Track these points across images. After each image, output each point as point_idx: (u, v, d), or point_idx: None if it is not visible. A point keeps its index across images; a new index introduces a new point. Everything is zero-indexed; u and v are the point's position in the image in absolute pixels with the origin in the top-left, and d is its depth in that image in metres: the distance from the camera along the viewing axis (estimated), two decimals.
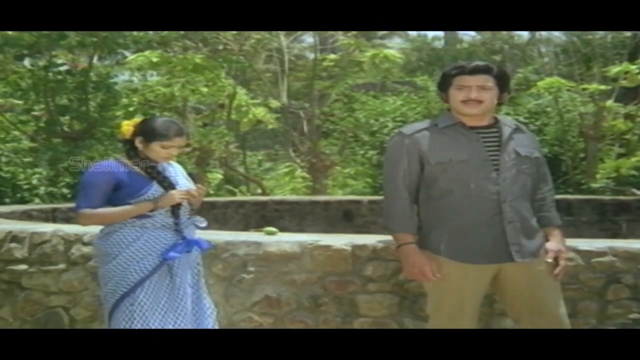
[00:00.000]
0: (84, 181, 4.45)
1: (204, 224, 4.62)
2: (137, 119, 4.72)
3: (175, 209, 4.49)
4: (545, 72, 17.46)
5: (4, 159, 12.78)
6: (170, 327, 4.37)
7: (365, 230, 9.92)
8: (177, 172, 4.64)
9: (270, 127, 16.29)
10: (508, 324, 4.83)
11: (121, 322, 4.36)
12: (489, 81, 4.20)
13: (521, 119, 15.68)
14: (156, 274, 4.39)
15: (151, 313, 4.35)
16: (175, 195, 4.44)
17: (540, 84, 14.80)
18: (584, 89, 14.86)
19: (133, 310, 4.35)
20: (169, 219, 4.48)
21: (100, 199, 4.37)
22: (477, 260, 4.17)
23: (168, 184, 4.48)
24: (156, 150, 4.47)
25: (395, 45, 27.11)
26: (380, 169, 16.19)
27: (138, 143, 4.48)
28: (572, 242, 5.01)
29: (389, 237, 5.32)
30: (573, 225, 10.25)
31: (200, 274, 4.64)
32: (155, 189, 4.44)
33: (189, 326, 4.45)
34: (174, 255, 4.41)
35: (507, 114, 15.97)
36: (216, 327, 4.65)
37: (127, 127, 4.54)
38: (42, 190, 12.40)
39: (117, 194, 4.40)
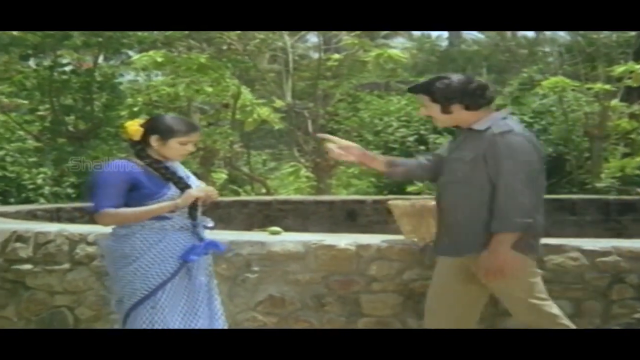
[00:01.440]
0: (102, 180, 4.37)
1: (211, 224, 4.60)
2: (140, 119, 4.67)
3: (192, 210, 4.46)
4: (550, 72, 17.40)
5: (9, 159, 12.78)
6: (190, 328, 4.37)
7: (370, 230, 9.91)
8: (185, 172, 4.62)
9: (274, 126, 16.28)
10: (511, 323, 4.83)
11: (141, 324, 4.32)
12: (424, 99, 4.48)
13: (526, 118, 15.65)
14: (177, 277, 4.38)
15: (171, 315, 4.33)
16: (193, 193, 4.41)
17: (544, 83, 14.76)
18: (588, 89, 14.82)
19: (154, 313, 4.32)
20: (186, 221, 4.46)
21: (120, 198, 4.32)
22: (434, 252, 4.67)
23: (184, 185, 4.46)
24: (174, 147, 4.44)
25: (398, 44, 27.07)
26: None
27: (154, 142, 4.43)
28: (576, 241, 5.01)
29: (393, 237, 5.34)
30: (577, 225, 10.24)
31: (212, 275, 4.61)
32: (173, 190, 4.42)
33: (205, 327, 4.44)
34: (194, 257, 4.40)
35: (512, 114, 15.94)
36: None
37: (135, 127, 4.49)
38: (46, 190, 12.41)
39: (133, 194, 4.34)
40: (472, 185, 4.32)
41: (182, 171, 4.59)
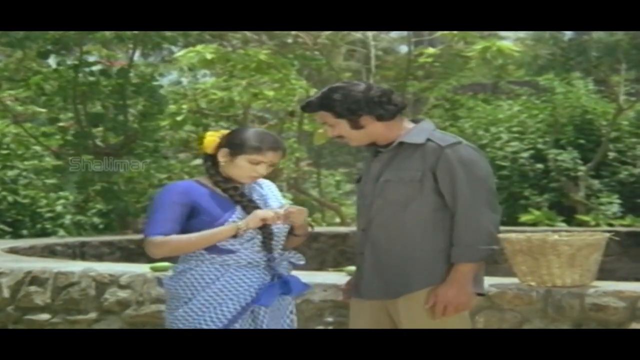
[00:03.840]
0: (156, 202, 4.43)
1: (302, 262, 4.56)
2: (222, 130, 4.69)
3: (266, 240, 4.45)
4: None
5: (22, 181, 12.98)
6: None
7: None
8: (268, 195, 4.60)
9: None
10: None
11: None
12: (325, 117, 4.56)
13: None
14: (237, 324, 4.35)
15: None
16: (260, 214, 4.39)
17: None
18: None
19: None
20: (257, 255, 4.43)
21: (175, 225, 4.35)
22: (354, 294, 4.64)
23: (254, 208, 4.44)
24: (242, 166, 4.44)
25: (509, 35, 26.93)
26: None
27: (221, 157, 4.45)
28: None
29: (504, 280, 5.27)
30: None
31: (293, 326, 4.56)
32: (238, 214, 4.41)
33: None
34: (270, 299, 4.37)
35: None
36: None
37: (211, 138, 4.51)
38: (68, 219, 12.57)
39: (192, 222, 4.37)
40: (413, 211, 4.39)
41: (266, 192, 4.60)
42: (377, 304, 4.50)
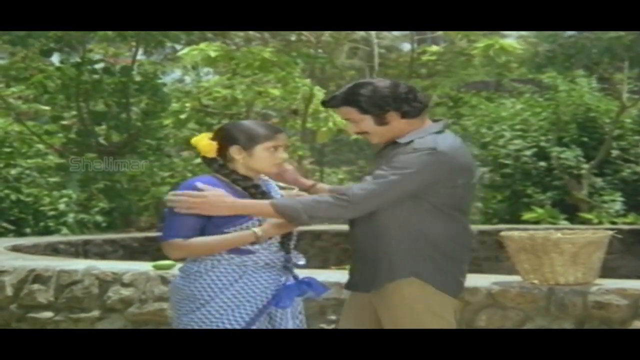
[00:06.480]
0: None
1: (303, 261, 4.53)
2: (207, 133, 4.64)
3: (285, 240, 4.43)
4: None
5: (25, 179, 12.97)
6: None
7: (476, 269, 9.77)
8: (277, 192, 4.58)
9: (353, 137, 16.30)
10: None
11: None
12: (350, 113, 4.51)
13: None
14: (254, 326, 4.31)
15: None
16: (278, 226, 4.35)
17: None
18: None
19: None
20: (275, 255, 4.40)
21: (193, 227, 4.29)
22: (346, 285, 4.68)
23: None
24: (263, 156, 4.40)
25: (512, 33, 26.91)
26: (498, 190, 16.05)
27: (236, 154, 4.39)
28: None
29: (506, 278, 5.28)
30: None
31: (303, 326, 4.54)
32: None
33: None
34: (288, 301, 4.34)
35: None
36: None
37: (206, 142, 4.46)
38: (71, 217, 12.56)
39: (212, 220, 4.31)
40: (386, 207, 4.37)
41: (276, 191, 4.58)
42: (364, 297, 4.51)
